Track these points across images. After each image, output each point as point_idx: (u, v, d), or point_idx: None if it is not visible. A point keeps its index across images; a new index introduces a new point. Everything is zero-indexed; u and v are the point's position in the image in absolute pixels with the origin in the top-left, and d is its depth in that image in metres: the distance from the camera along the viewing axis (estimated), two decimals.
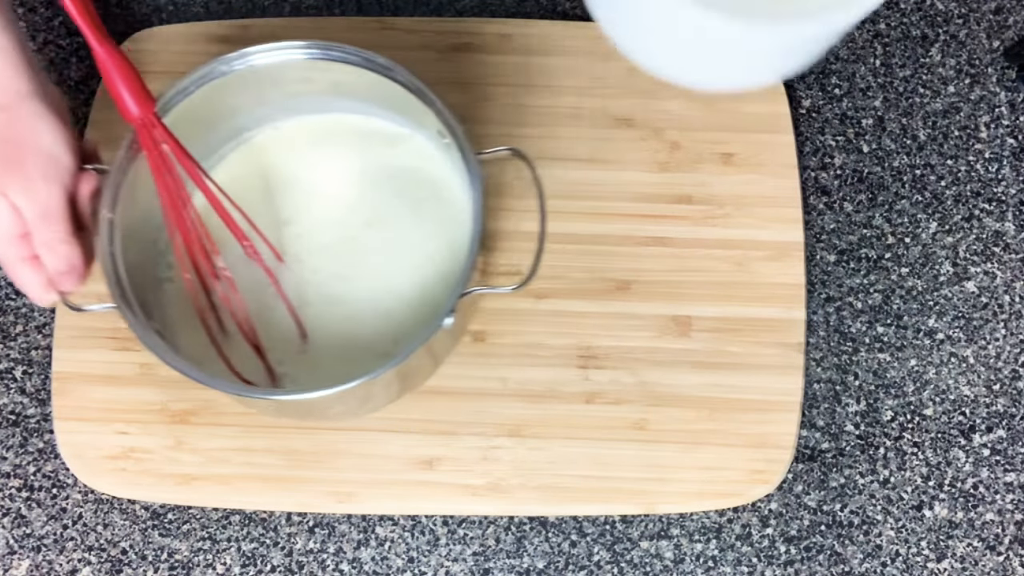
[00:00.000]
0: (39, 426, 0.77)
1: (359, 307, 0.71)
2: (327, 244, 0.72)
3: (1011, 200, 0.81)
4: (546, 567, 0.74)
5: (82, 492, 0.75)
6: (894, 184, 0.81)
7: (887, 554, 0.74)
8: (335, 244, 0.72)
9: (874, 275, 0.80)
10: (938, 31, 0.85)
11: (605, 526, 0.75)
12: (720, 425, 0.74)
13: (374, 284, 0.71)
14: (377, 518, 0.75)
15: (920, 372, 0.78)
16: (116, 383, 0.75)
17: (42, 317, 0.79)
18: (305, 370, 0.70)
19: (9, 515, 0.75)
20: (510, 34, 0.82)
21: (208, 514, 0.75)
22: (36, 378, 0.77)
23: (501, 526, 0.75)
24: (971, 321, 0.79)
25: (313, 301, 0.71)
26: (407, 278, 0.72)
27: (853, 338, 0.78)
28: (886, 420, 0.77)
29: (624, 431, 0.74)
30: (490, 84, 0.81)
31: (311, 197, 0.73)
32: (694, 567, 0.74)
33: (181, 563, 0.74)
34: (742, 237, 0.78)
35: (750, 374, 0.75)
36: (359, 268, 0.72)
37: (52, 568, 0.74)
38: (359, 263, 0.72)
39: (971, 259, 0.80)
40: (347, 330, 0.71)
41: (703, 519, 0.75)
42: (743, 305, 0.77)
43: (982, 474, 0.76)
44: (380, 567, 0.74)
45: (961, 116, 0.83)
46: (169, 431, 0.74)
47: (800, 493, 0.75)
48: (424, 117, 0.68)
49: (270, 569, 0.74)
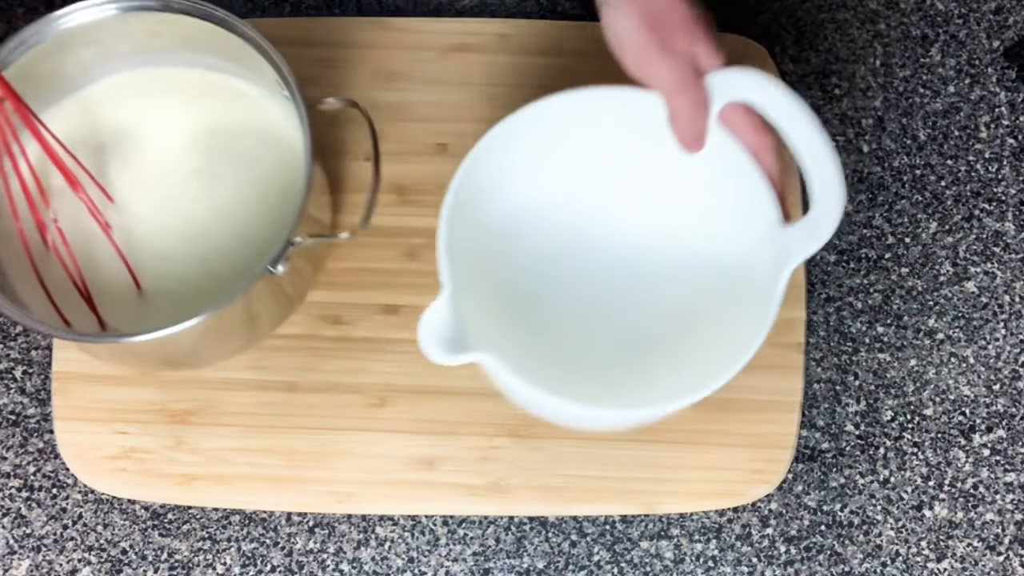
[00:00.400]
0: (39, 426, 0.77)
1: (190, 264, 0.71)
2: (158, 196, 0.72)
3: (1011, 200, 0.81)
4: (546, 567, 0.74)
5: (82, 492, 0.75)
6: (894, 184, 0.81)
7: (887, 554, 0.74)
8: (164, 197, 0.72)
9: (874, 275, 0.80)
10: (938, 31, 0.85)
11: (605, 526, 0.75)
12: (720, 425, 0.74)
13: (202, 238, 0.71)
14: (377, 518, 0.75)
15: (920, 372, 0.78)
16: (116, 383, 0.75)
17: None
18: (140, 323, 0.68)
19: (9, 515, 0.75)
20: (510, 34, 0.82)
21: (208, 514, 0.75)
22: (36, 378, 0.77)
23: (501, 526, 0.75)
24: (971, 321, 0.79)
25: (145, 255, 0.71)
26: (238, 231, 0.71)
27: (853, 338, 0.78)
28: (886, 420, 0.77)
29: (624, 431, 0.74)
30: (490, 84, 0.81)
31: (142, 149, 0.73)
32: (694, 567, 0.74)
33: (181, 563, 0.74)
34: None
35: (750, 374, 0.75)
36: (188, 222, 0.72)
37: (52, 568, 0.74)
38: (188, 216, 0.72)
39: (971, 259, 0.80)
40: (181, 286, 0.70)
41: (703, 519, 0.75)
42: None
43: (982, 474, 0.76)
44: (380, 567, 0.74)
45: (961, 116, 0.83)
46: (169, 431, 0.74)
47: (800, 493, 0.75)
48: (265, 71, 0.68)
49: (270, 569, 0.74)
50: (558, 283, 0.71)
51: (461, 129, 0.79)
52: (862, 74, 0.84)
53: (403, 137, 0.80)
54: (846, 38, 0.85)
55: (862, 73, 0.84)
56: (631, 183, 0.71)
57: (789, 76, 0.83)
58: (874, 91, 0.83)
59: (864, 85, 0.83)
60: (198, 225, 0.71)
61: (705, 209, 0.69)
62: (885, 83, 0.84)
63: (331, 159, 0.78)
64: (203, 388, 0.75)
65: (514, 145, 0.66)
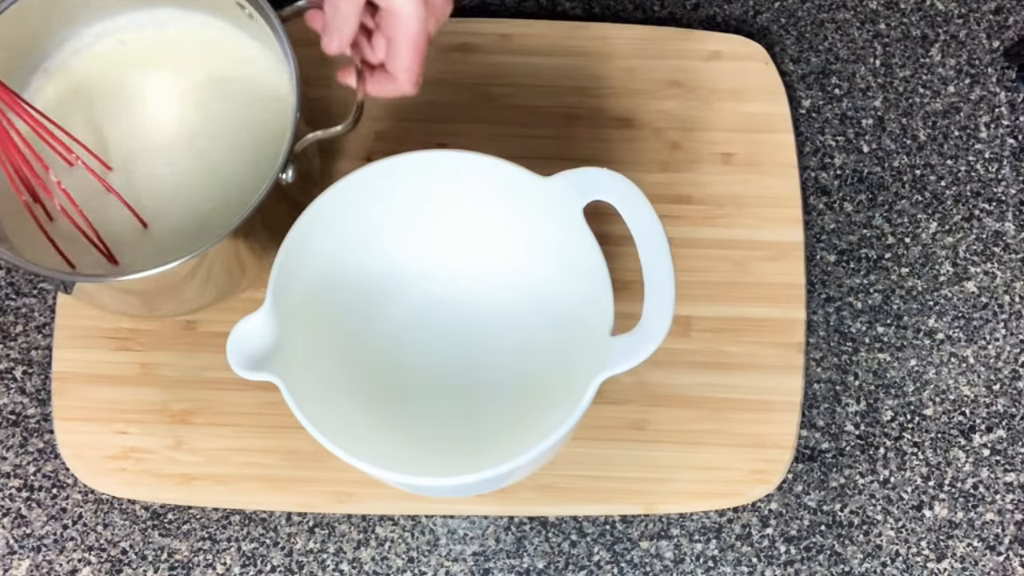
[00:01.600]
0: (39, 426, 0.77)
1: (197, 201, 0.70)
2: (154, 147, 0.72)
3: (1011, 200, 0.81)
4: (546, 567, 0.74)
5: (82, 492, 0.75)
6: (894, 184, 0.81)
7: (887, 554, 0.74)
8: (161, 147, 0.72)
9: (874, 275, 0.80)
10: (938, 31, 0.85)
11: (605, 526, 0.75)
12: (720, 425, 0.74)
13: (204, 173, 0.71)
14: (377, 518, 0.75)
15: (920, 372, 0.78)
16: (116, 383, 0.75)
17: (42, 317, 0.79)
18: (150, 258, 0.68)
19: (9, 515, 0.75)
20: (510, 34, 0.82)
21: (208, 514, 0.75)
22: (36, 378, 0.77)
23: (501, 526, 0.75)
24: (971, 321, 0.79)
25: (147, 199, 0.70)
26: (240, 164, 0.71)
27: (853, 338, 0.78)
28: (886, 420, 0.77)
29: (624, 431, 0.74)
30: (490, 84, 0.81)
31: (131, 107, 0.72)
32: (694, 567, 0.74)
33: (181, 563, 0.74)
34: (742, 237, 0.78)
35: (750, 374, 0.75)
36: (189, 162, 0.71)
37: (52, 568, 0.74)
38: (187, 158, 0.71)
39: (971, 259, 0.80)
40: (187, 221, 0.70)
41: (703, 519, 0.75)
42: (743, 305, 0.77)
43: (982, 474, 0.76)
44: (380, 567, 0.74)
45: (961, 116, 0.83)
46: (169, 431, 0.74)
47: (800, 493, 0.75)
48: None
49: (270, 569, 0.74)
50: (409, 349, 0.72)
51: (461, 129, 0.80)
52: (862, 74, 0.84)
53: (403, 137, 0.80)
54: (846, 38, 0.85)
55: (862, 73, 0.84)
56: (479, 250, 0.72)
57: (789, 76, 0.83)
58: (874, 91, 0.83)
59: (864, 85, 0.84)
60: (197, 175, 0.71)
61: (544, 296, 0.70)
62: (885, 83, 0.84)
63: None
64: (203, 388, 0.75)
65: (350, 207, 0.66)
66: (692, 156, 0.79)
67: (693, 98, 0.81)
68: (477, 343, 0.72)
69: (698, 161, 0.79)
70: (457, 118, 0.80)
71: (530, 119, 0.80)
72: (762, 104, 0.81)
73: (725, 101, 0.81)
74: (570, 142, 0.80)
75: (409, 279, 0.72)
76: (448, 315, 0.72)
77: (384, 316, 0.72)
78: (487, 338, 0.72)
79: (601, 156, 0.79)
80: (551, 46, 0.82)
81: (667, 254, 0.62)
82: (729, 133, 0.80)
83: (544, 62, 0.81)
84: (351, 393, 0.68)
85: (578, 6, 0.85)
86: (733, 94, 0.81)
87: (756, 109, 0.80)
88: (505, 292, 0.72)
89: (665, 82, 0.81)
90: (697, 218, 0.78)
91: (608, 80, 0.82)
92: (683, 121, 0.80)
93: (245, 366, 0.60)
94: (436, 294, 0.73)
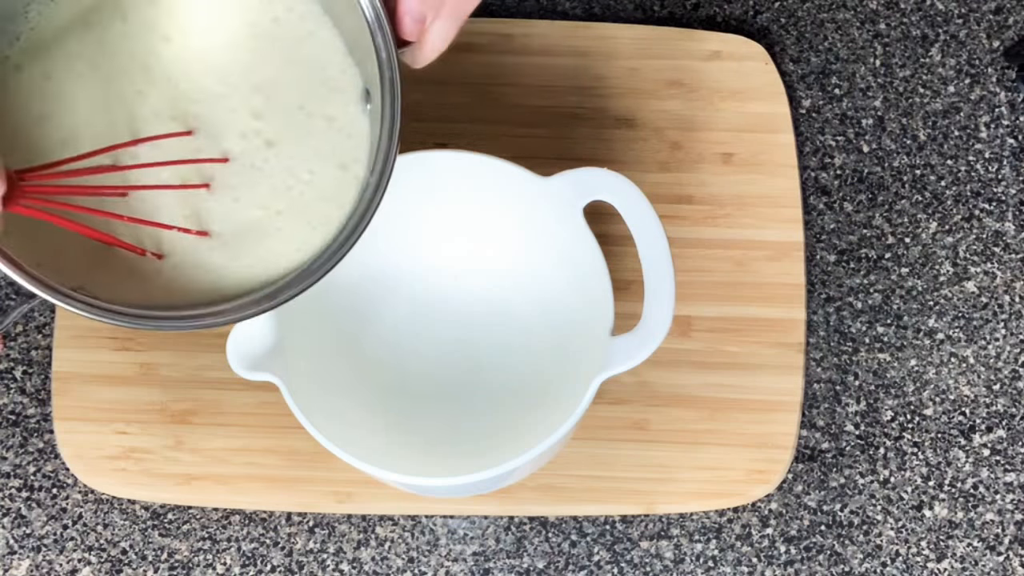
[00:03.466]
0: (39, 426, 0.77)
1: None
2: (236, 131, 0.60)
3: (1011, 200, 0.81)
4: (546, 567, 0.74)
5: (82, 492, 0.75)
6: (894, 184, 0.81)
7: (887, 554, 0.74)
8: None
9: (874, 275, 0.80)
10: (938, 31, 0.85)
11: (605, 526, 0.75)
12: (720, 425, 0.74)
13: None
14: (377, 518, 0.75)
15: (920, 372, 0.78)
16: (116, 383, 0.75)
17: (42, 317, 0.79)
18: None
19: (9, 515, 0.75)
20: (510, 34, 0.82)
21: (208, 514, 0.75)
22: (36, 378, 0.77)
23: (501, 526, 0.75)
24: (971, 321, 0.79)
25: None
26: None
27: (853, 338, 0.78)
28: (886, 420, 0.77)
29: (624, 431, 0.74)
30: (490, 84, 0.81)
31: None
32: (694, 567, 0.74)
33: (181, 563, 0.74)
34: (742, 237, 0.78)
35: (750, 374, 0.75)
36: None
37: (52, 568, 0.74)
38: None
39: (971, 259, 0.80)
40: None
41: (703, 519, 0.75)
42: (743, 305, 0.77)
43: (982, 474, 0.76)
44: (380, 567, 0.74)
45: (961, 116, 0.83)
46: (169, 431, 0.74)
47: (800, 493, 0.75)
48: None
49: (270, 569, 0.74)
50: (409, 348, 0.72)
51: (461, 129, 0.80)
52: (862, 74, 0.84)
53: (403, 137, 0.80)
54: (846, 38, 0.85)
55: (862, 73, 0.84)
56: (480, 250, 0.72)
57: (789, 76, 0.83)
58: (874, 91, 0.83)
59: (864, 85, 0.84)
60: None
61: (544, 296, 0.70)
62: (885, 83, 0.84)
63: None
64: (203, 388, 0.75)
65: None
66: (692, 156, 0.80)
67: (693, 98, 0.81)
68: (477, 343, 0.72)
69: (698, 161, 0.79)
70: (457, 118, 0.80)
71: (530, 119, 0.80)
72: (762, 104, 0.81)
73: (726, 101, 0.81)
74: (570, 142, 0.80)
75: (409, 279, 0.72)
76: (448, 315, 0.73)
77: (384, 316, 0.72)
78: (487, 338, 0.72)
79: (601, 156, 0.79)
80: (551, 46, 0.82)
81: (667, 254, 0.62)
82: (729, 133, 0.80)
83: (544, 62, 0.81)
84: (351, 393, 0.68)
85: (578, 6, 0.85)
86: (733, 94, 0.81)
87: (756, 109, 0.81)
88: (505, 292, 0.72)
89: (665, 82, 0.81)
90: (697, 218, 0.78)
91: (608, 80, 0.82)
92: (683, 121, 0.80)
93: (245, 366, 0.60)
94: (436, 294, 0.73)
